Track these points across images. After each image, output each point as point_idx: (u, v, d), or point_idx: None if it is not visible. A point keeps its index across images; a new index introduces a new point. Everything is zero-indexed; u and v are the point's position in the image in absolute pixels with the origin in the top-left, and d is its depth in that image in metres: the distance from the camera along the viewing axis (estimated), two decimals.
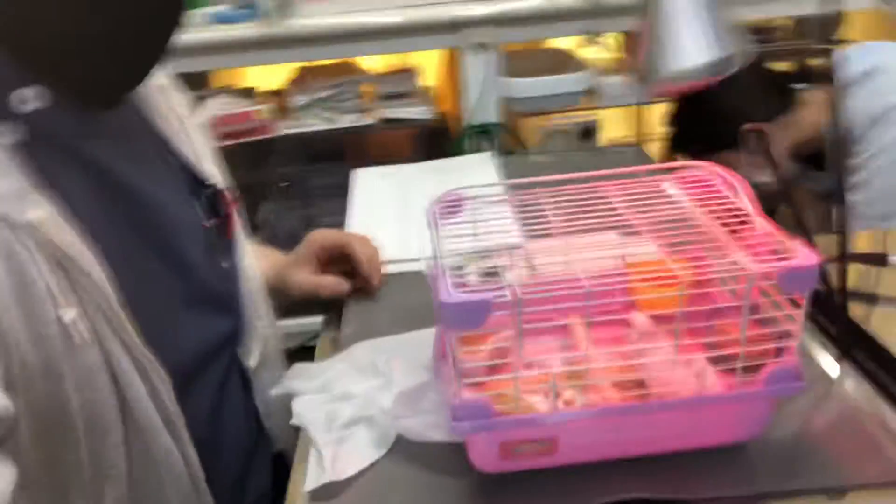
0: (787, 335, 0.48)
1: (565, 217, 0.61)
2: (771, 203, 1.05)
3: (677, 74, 0.49)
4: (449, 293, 0.46)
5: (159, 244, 0.60)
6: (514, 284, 0.47)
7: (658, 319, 0.57)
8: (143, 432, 0.54)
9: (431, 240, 0.56)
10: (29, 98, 0.49)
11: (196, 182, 0.67)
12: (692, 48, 0.48)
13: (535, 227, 0.63)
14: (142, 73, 0.56)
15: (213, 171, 0.70)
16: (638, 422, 0.51)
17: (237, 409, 0.68)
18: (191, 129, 0.70)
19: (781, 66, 1.20)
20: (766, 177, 1.04)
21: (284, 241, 1.66)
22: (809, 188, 1.01)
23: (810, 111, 1.07)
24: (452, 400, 0.49)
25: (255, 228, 1.64)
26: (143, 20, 0.52)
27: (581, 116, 1.53)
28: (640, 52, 0.51)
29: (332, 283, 0.80)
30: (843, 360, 0.62)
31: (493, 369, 0.59)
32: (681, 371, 0.52)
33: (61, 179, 0.51)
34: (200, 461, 0.60)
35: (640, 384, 0.54)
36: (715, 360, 0.52)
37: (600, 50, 1.72)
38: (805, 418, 0.55)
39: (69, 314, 0.49)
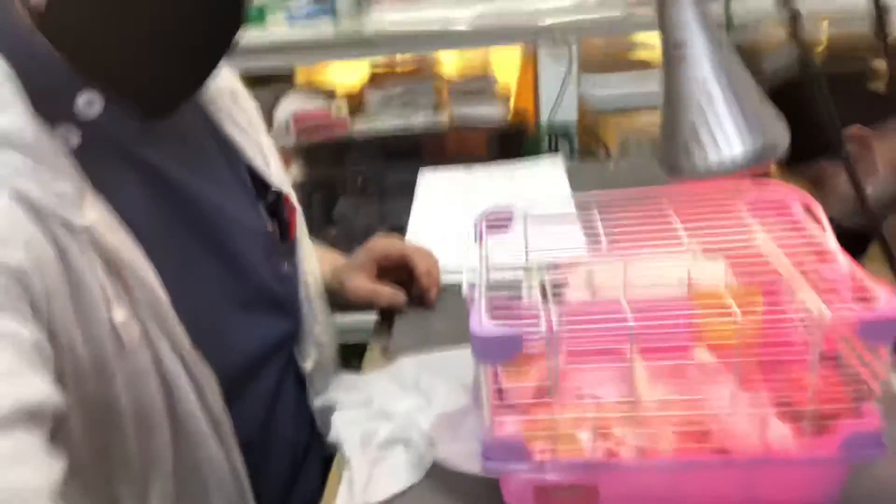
0: (868, 392, 0.42)
1: (627, 235, 0.57)
2: (871, 219, 0.95)
3: (709, 167, 0.42)
4: (480, 322, 0.43)
5: (216, 247, 0.60)
6: (552, 315, 0.43)
7: (721, 360, 0.51)
8: (190, 435, 0.55)
9: (475, 256, 0.53)
10: (94, 102, 0.50)
11: (261, 186, 0.67)
12: (726, 139, 0.42)
13: (594, 244, 0.59)
14: (197, 82, 0.56)
15: (279, 176, 0.70)
16: (691, 477, 0.46)
17: (291, 412, 0.68)
18: (259, 134, 0.70)
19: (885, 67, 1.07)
20: (867, 189, 0.94)
21: (359, 236, 1.69)
22: None
23: None
24: (484, 435, 0.46)
25: (330, 223, 1.67)
26: (200, 30, 0.52)
27: None
28: (663, 141, 0.45)
29: (389, 294, 0.79)
30: None
31: (535, 400, 0.56)
32: (745, 421, 0.47)
33: (115, 183, 0.51)
34: (251, 464, 0.60)
35: (700, 432, 0.50)
36: (784, 412, 0.46)
37: None
38: (885, 482, 0.48)
39: (120, 316, 0.49)
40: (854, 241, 0.58)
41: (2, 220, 0.43)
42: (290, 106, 1.54)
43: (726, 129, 0.41)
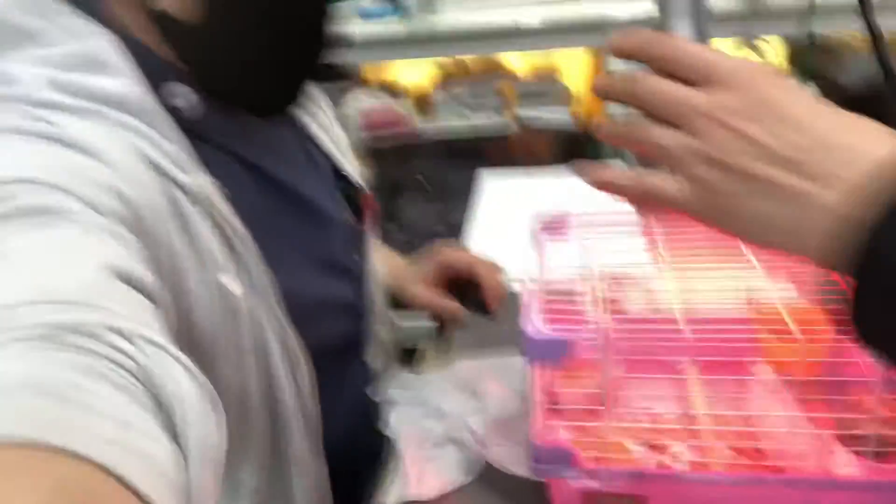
0: None
1: (688, 247, 0.56)
2: None
3: None
4: (533, 325, 0.44)
5: (309, 236, 0.61)
6: (608, 324, 0.44)
7: (784, 379, 0.51)
8: (283, 427, 0.54)
9: (533, 262, 0.54)
10: (179, 94, 0.52)
11: (339, 179, 0.68)
12: None
13: (654, 254, 0.58)
14: (302, 87, 0.59)
15: (354, 170, 0.71)
16: (744, 493, 0.46)
17: (359, 410, 0.69)
18: (335, 127, 0.72)
19: None
20: None
21: (419, 234, 1.71)
22: None
23: None
24: (534, 439, 0.47)
25: (391, 221, 1.70)
26: (304, 39, 0.56)
27: None
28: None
29: (451, 309, 0.78)
30: None
31: (587, 407, 0.56)
32: (801, 443, 0.46)
33: (212, 167, 0.52)
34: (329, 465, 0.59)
35: (754, 450, 0.49)
36: (846, 439, 0.45)
37: (760, 54, 1.57)
38: None
39: (229, 278, 0.49)
40: None
41: (124, 162, 0.44)
42: (356, 103, 1.58)
43: None
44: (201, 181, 0.49)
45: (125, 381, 0.30)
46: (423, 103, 1.60)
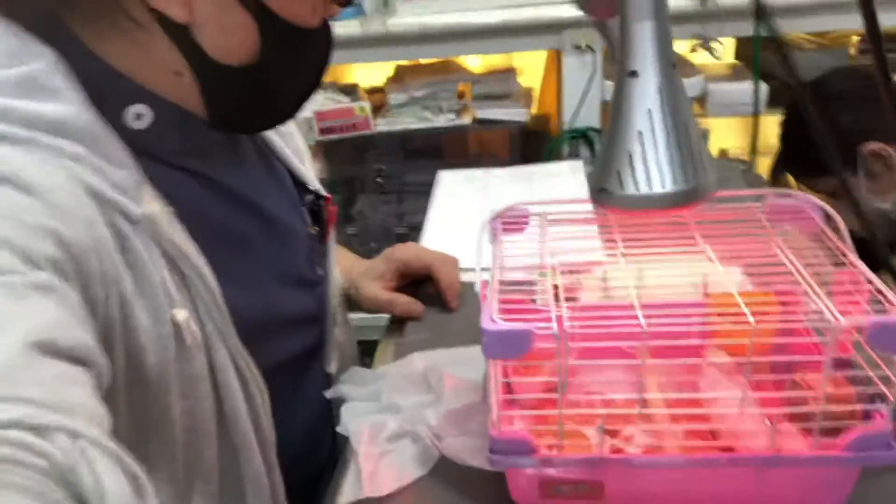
0: (878, 397, 0.41)
1: (644, 240, 0.57)
2: (892, 234, 0.93)
3: (636, 200, 0.41)
4: (491, 319, 0.43)
5: (274, 255, 0.59)
6: (563, 314, 0.43)
7: (734, 363, 0.51)
8: (237, 449, 0.53)
9: (489, 255, 0.54)
10: (143, 116, 0.49)
11: (299, 188, 0.67)
12: (659, 175, 0.40)
13: (610, 248, 0.58)
14: (299, 106, 0.57)
15: (313, 178, 0.70)
16: (697, 475, 0.46)
17: (317, 417, 0.68)
18: (294, 135, 0.70)
19: None
20: (888, 203, 0.93)
21: (377, 234, 1.70)
22: None
23: None
24: (491, 430, 0.46)
25: (348, 221, 1.68)
26: (322, 71, 0.56)
27: None
28: (598, 163, 0.44)
29: (407, 305, 0.77)
30: None
31: (544, 396, 0.56)
32: (752, 423, 0.47)
33: (168, 187, 0.50)
34: (282, 471, 0.58)
35: (708, 432, 0.49)
36: (795, 417, 0.46)
37: (713, 55, 1.61)
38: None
39: (182, 314, 0.47)
40: (873, 251, 0.57)
41: (62, 196, 0.41)
42: (312, 105, 1.56)
43: (661, 165, 0.41)
44: (151, 209, 0.47)
45: (32, 482, 0.29)
46: (379, 103, 1.59)
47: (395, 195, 1.67)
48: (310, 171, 0.69)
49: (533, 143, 1.57)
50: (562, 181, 1.10)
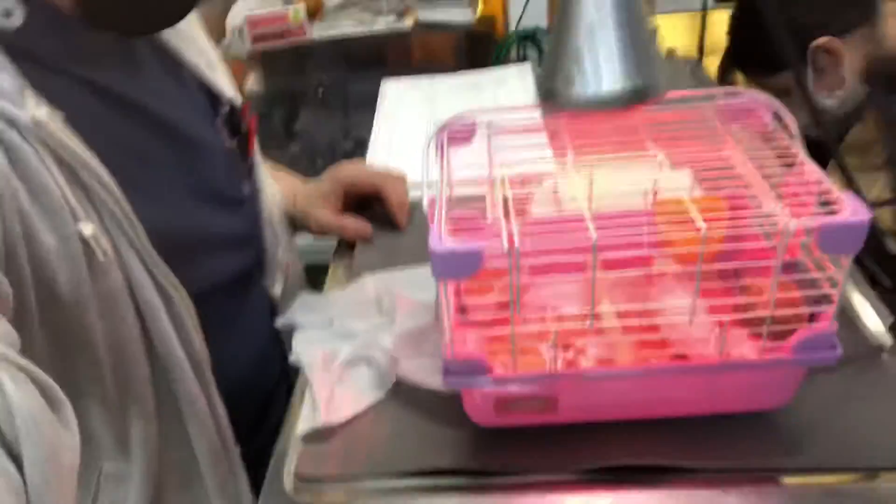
0: (824, 299, 0.42)
1: (594, 146, 0.55)
2: (840, 130, 0.94)
3: (586, 99, 0.39)
4: (439, 239, 0.41)
5: (184, 169, 0.56)
6: (514, 230, 0.42)
7: (683, 270, 0.51)
8: (169, 373, 0.52)
9: (436, 170, 0.51)
10: (12, 12, 0.44)
11: (212, 98, 0.62)
12: (610, 72, 0.39)
13: (560, 156, 0.57)
14: (186, 6, 0.53)
15: (228, 86, 0.65)
16: (649, 384, 0.46)
17: (263, 340, 0.67)
18: (202, 42, 0.65)
19: None
20: (834, 100, 0.92)
21: (322, 150, 1.64)
22: (884, 114, 0.89)
23: (893, 24, 0.91)
24: (444, 351, 0.45)
25: (291, 138, 1.61)
26: None
27: None
28: (546, 63, 0.41)
29: (356, 227, 0.75)
30: None
31: (497, 315, 0.55)
32: (702, 330, 0.47)
33: (53, 94, 0.46)
34: (226, 398, 0.57)
35: (658, 341, 0.50)
36: (744, 322, 0.47)
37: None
38: (841, 390, 0.49)
39: (89, 228, 0.45)
40: (824, 150, 0.57)
41: None
42: (243, 10, 1.45)
43: (612, 63, 0.39)
44: (38, 114, 0.43)
45: None
46: (315, 8, 1.49)
47: (339, 110, 1.60)
48: (224, 80, 0.64)
49: (479, 47, 1.51)
50: (510, 87, 1.07)
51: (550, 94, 0.41)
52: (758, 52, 0.94)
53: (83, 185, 0.45)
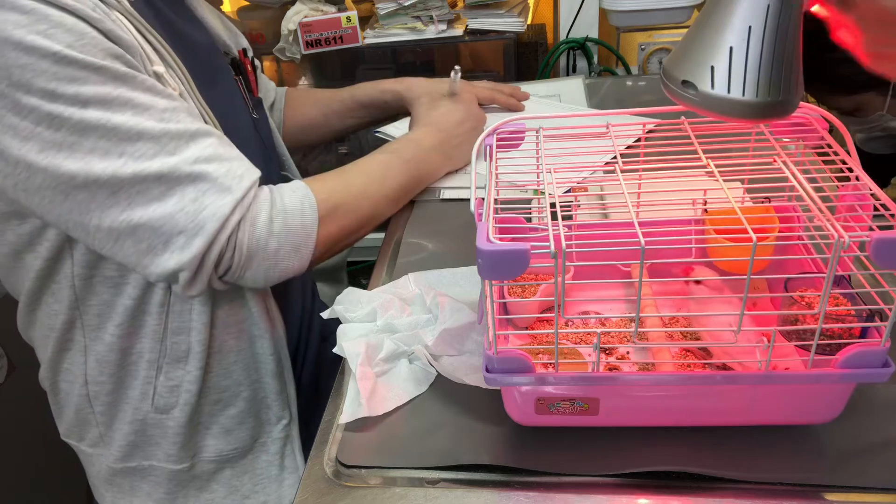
0: (879, 314, 0.41)
1: (644, 154, 0.55)
2: None
3: (714, 101, 0.37)
4: (486, 239, 0.42)
5: (215, 82, 0.69)
6: (560, 233, 0.42)
7: (731, 280, 0.51)
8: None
9: (484, 173, 0.52)
10: None
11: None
12: (754, 80, 0.36)
13: (609, 164, 0.57)
14: None
15: (229, 38, 0.79)
16: (692, 392, 0.46)
17: (312, 325, 0.78)
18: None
19: None
20: None
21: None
22: None
23: None
24: (487, 349, 0.46)
25: (340, 140, 1.64)
26: None
27: None
28: (678, 51, 0.39)
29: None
30: None
31: (540, 316, 0.56)
32: (748, 341, 0.47)
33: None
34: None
35: (701, 350, 0.50)
36: (792, 335, 0.46)
37: None
38: (890, 406, 0.48)
39: (161, 68, 0.58)
40: (879, 166, 0.56)
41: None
42: (297, 15, 1.49)
43: (761, 71, 0.37)
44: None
45: None
46: (367, 14, 1.52)
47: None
48: (226, 33, 0.79)
49: (528, 56, 1.51)
50: (561, 94, 1.07)
51: (683, 87, 0.39)
52: (829, 73, 0.93)
53: (152, 44, 0.59)
